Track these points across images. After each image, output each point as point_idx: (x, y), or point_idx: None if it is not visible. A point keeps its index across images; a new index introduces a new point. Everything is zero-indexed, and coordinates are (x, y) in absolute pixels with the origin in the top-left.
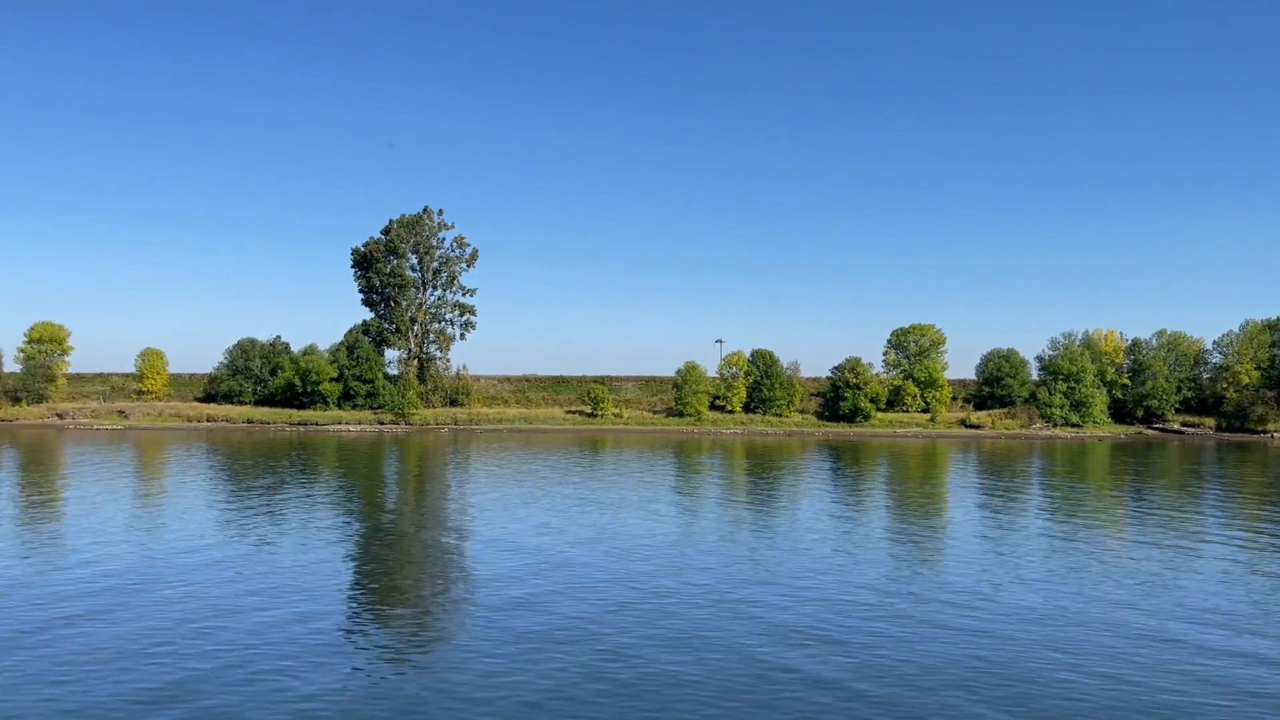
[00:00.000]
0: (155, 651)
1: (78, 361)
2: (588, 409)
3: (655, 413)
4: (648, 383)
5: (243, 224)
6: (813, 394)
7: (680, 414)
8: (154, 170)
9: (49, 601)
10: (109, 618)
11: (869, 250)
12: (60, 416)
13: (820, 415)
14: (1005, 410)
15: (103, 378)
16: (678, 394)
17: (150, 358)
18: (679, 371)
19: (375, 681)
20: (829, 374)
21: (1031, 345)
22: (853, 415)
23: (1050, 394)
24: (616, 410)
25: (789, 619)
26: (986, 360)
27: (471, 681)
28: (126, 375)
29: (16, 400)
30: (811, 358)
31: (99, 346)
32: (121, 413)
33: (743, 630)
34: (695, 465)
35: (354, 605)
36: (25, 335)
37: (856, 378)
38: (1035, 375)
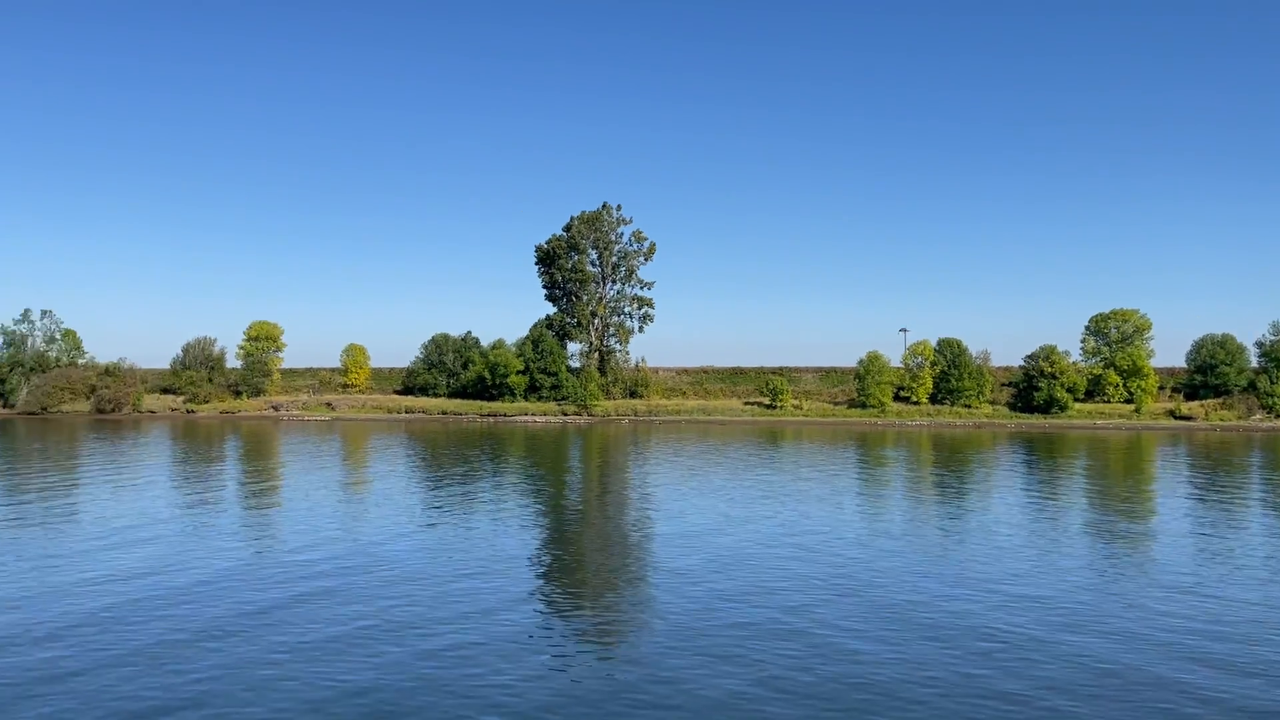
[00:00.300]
0: (371, 633)
1: (290, 357)
2: (766, 400)
3: (836, 404)
4: (828, 374)
5: (435, 228)
6: (1004, 384)
7: (863, 405)
8: (357, 184)
9: (270, 585)
10: (327, 600)
11: (1064, 234)
12: (276, 408)
13: (1012, 406)
14: (1220, 400)
15: (312, 372)
16: (860, 385)
17: (354, 353)
18: (861, 362)
19: (578, 668)
20: (1021, 363)
21: (1249, 330)
22: (1048, 406)
23: (1272, 382)
24: (796, 401)
25: (990, 621)
26: (1198, 347)
27: (677, 669)
28: (333, 369)
29: (238, 394)
30: (1002, 346)
31: (308, 343)
32: (329, 404)
33: (943, 630)
34: (880, 458)
35: (549, 593)
36: (244, 334)
37: (1052, 366)
38: (1255, 362)
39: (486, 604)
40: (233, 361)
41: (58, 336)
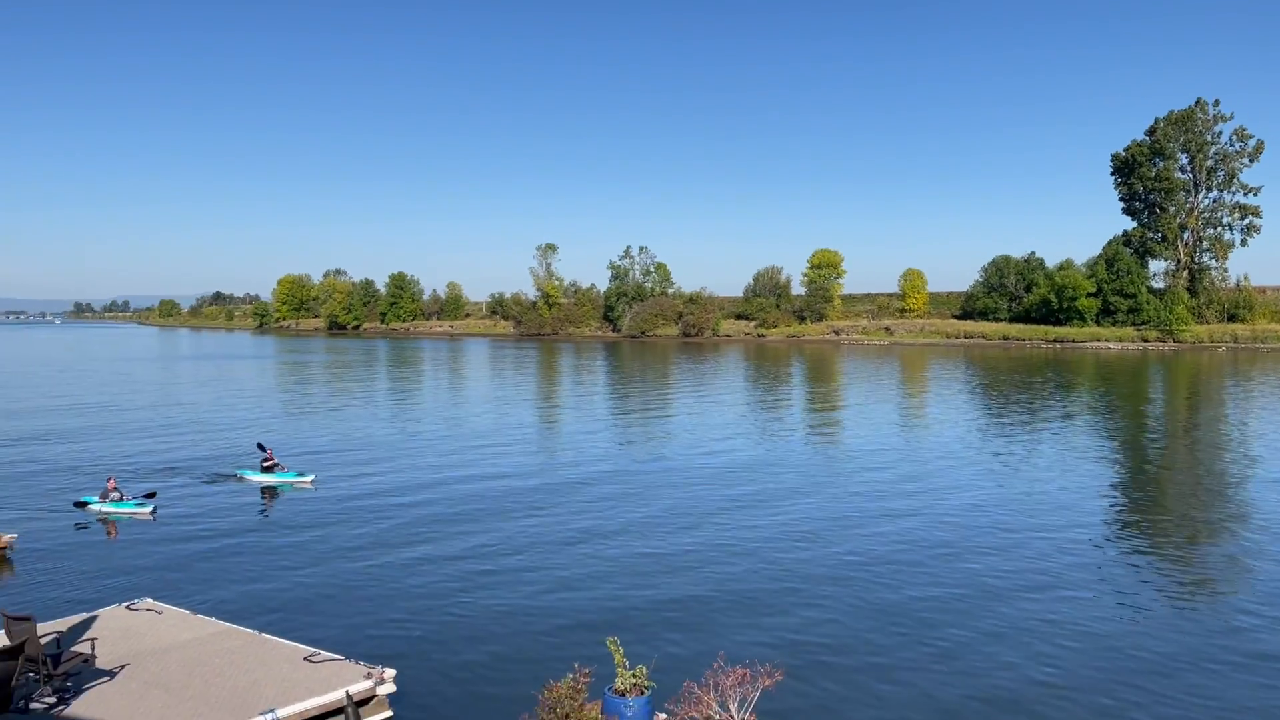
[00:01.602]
0: (952, 599)
1: (849, 284)
2: None
3: None
4: None
5: (993, 141)
6: None
7: None
8: (909, 103)
9: (855, 528)
10: (896, 520)
11: None
12: (836, 333)
13: None
14: None
15: (870, 298)
16: None
17: (911, 278)
18: None
19: (1133, 615)
20: None
21: None
22: None
23: None
24: None
25: None
26: None
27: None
28: (890, 295)
29: (802, 319)
30: None
31: (867, 269)
32: (887, 329)
33: None
34: None
35: (1117, 531)
36: (807, 262)
37: None
38: None
39: (1053, 542)
40: (797, 289)
41: (652, 269)
